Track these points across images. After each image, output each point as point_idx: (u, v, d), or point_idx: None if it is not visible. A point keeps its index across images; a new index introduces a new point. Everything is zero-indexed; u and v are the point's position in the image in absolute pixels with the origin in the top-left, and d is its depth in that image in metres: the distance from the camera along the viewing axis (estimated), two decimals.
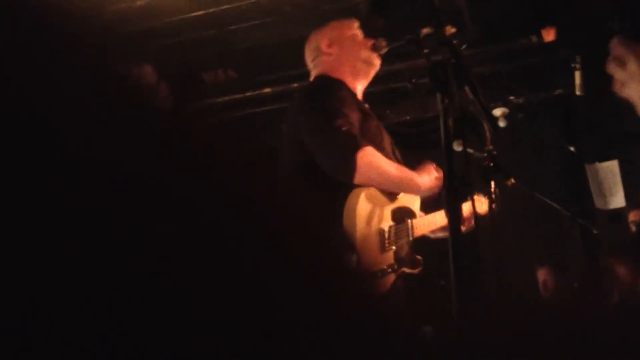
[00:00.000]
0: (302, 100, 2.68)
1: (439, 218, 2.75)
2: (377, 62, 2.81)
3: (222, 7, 4.88)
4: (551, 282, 3.72)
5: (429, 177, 2.64)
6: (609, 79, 1.61)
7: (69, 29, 0.48)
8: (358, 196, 2.36)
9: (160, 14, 4.89)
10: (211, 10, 4.91)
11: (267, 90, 5.66)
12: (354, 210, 2.32)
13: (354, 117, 2.52)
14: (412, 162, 2.92)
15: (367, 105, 2.81)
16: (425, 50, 2.22)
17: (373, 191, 2.45)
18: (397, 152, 2.84)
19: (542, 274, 3.87)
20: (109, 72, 0.50)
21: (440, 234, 2.81)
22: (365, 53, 2.78)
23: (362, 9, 4.77)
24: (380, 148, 2.60)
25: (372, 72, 2.84)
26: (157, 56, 5.04)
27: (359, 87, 2.81)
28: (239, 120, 5.70)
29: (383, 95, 5.33)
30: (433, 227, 2.75)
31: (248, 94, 5.75)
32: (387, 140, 2.74)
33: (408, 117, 5.54)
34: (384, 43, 2.77)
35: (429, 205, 2.81)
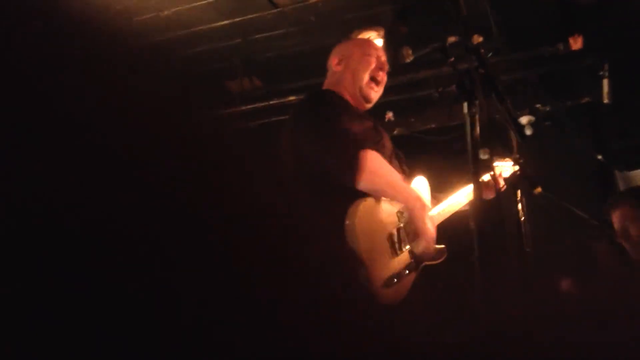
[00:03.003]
0: (299, 111, 2.65)
1: (452, 205, 2.71)
2: (372, 97, 2.76)
3: (247, 17, 4.91)
4: (575, 293, 3.68)
5: (424, 210, 2.53)
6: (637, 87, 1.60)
7: (100, 38, 0.49)
8: (356, 208, 2.30)
9: (186, 23, 4.94)
10: (237, 19, 4.95)
11: (292, 98, 5.68)
12: (353, 224, 2.27)
13: (353, 120, 2.49)
14: (438, 170, 2.91)
15: (362, 110, 2.77)
16: (452, 59, 2.21)
17: (371, 201, 2.40)
18: (401, 156, 2.81)
19: (566, 283, 3.83)
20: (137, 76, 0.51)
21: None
22: (365, 79, 2.73)
23: (387, 17, 4.77)
24: (379, 146, 2.57)
25: (365, 104, 2.79)
26: (184, 64, 5.09)
27: (353, 107, 2.77)
28: (264, 128, 5.72)
29: (408, 103, 5.32)
30: (447, 214, 2.71)
31: (273, 102, 5.77)
32: (387, 140, 2.69)
33: (433, 125, 5.52)
34: (409, 51, 2.75)
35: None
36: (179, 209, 0.43)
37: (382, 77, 2.78)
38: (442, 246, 2.58)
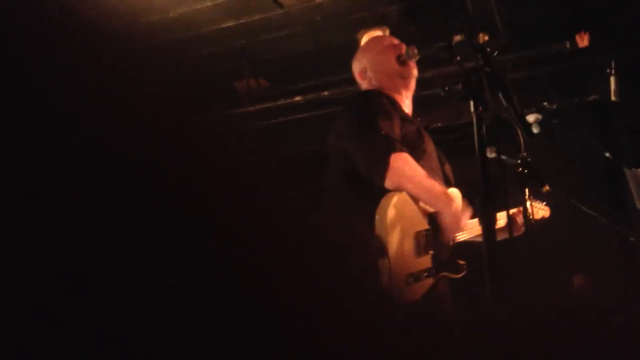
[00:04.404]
0: (344, 110, 2.75)
1: (472, 229, 2.72)
2: (411, 73, 2.82)
3: (254, 18, 4.92)
4: (587, 289, 3.67)
5: (460, 210, 2.57)
6: None
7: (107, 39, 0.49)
8: (390, 200, 2.36)
9: (193, 24, 4.95)
10: (243, 20, 4.95)
11: (299, 98, 5.68)
12: (385, 214, 2.31)
13: (393, 122, 2.55)
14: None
15: (408, 112, 2.82)
16: (458, 57, 2.21)
17: (405, 196, 2.43)
18: (446, 164, 2.84)
19: (578, 281, 3.83)
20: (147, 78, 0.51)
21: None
22: (396, 67, 2.79)
23: (393, 16, 4.76)
24: (420, 151, 2.60)
25: (412, 82, 2.85)
26: (190, 66, 5.10)
27: (404, 98, 2.83)
28: (271, 128, 5.73)
29: (415, 102, 5.31)
30: (476, 233, 2.71)
31: (280, 102, 5.78)
32: (430, 145, 2.73)
33: (440, 124, 5.51)
34: (415, 50, 2.77)
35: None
36: (184, 209, 0.43)
37: (400, 51, 2.82)
38: (462, 262, 2.57)
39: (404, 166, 2.42)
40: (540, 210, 3.14)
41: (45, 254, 0.33)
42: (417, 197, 2.47)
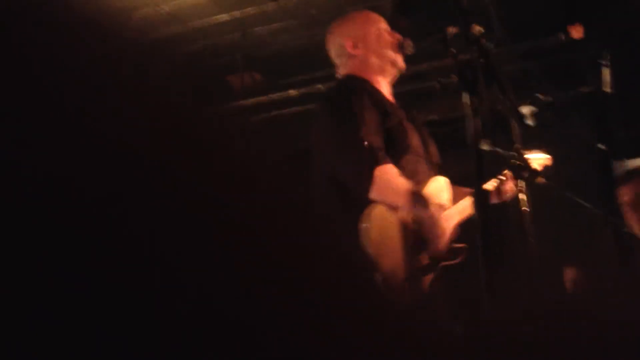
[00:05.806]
0: (325, 108, 2.69)
1: (466, 207, 2.69)
2: (403, 65, 2.78)
3: (248, 11, 4.90)
4: (580, 281, 3.68)
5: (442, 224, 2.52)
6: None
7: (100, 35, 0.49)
8: (370, 213, 2.33)
9: (186, 18, 4.93)
10: (236, 14, 4.94)
11: (293, 92, 5.67)
12: (368, 228, 2.30)
13: (375, 125, 2.51)
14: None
15: (392, 101, 2.77)
16: (453, 50, 2.21)
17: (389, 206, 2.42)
18: (431, 145, 2.80)
19: (570, 273, 3.84)
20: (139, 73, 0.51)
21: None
22: (392, 54, 2.75)
23: (387, 9, 4.75)
24: (404, 146, 2.57)
25: (397, 74, 2.81)
26: (184, 60, 5.09)
27: (387, 83, 2.78)
28: (265, 122, 5.72)
29: (410, 95, 5.31)
30: (466, 214, 2.69)
31: (274, 96, 5.77)
32: (413, 136, 2.68)
33: (435, 117, 5.51)
34: (410, 44, 2.75)
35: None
36: (182, 206, 0.43)
37: (399, 39, 2.78)
38: (460, 245, 2.53)
39: (388, 180, 2.40)
40: (539, 160, 3.04)
41: (45, 254, 0.33)
42: (400, 207, 2.45)
